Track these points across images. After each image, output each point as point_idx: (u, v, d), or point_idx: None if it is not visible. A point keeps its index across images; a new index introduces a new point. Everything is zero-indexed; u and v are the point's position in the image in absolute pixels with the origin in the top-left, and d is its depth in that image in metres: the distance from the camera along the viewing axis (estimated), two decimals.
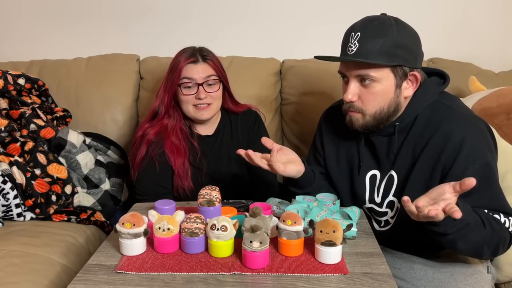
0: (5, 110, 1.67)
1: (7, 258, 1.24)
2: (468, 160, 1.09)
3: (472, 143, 1.09)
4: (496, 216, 1.08)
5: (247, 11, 2.03)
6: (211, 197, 1.08)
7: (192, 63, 1.44)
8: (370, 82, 1.10)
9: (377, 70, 1.09)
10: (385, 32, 1.07)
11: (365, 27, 1.10)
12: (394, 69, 1.10)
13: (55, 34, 2.11)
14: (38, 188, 1.46)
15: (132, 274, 0.92)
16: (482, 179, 1.07)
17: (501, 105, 1.42)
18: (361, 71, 1.10)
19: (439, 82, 1.20)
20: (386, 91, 1.11)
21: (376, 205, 1.26)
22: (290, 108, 1.91)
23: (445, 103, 1.16)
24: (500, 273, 1.33)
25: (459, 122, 1.11)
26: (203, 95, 1.42)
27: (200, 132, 1.54)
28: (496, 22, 1.98)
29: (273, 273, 0.91)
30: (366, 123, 1.15)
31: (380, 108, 1.12)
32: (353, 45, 1.09)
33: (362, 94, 1.12)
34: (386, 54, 1.07)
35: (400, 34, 1.08)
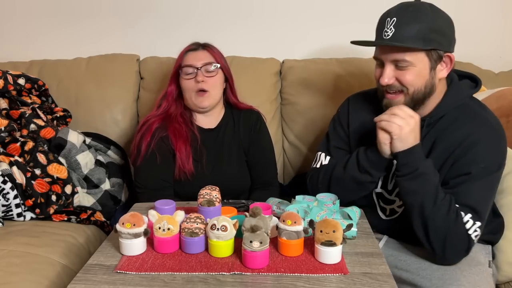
0: (5, 110, 1.67)
1: (7, 258, 1.24)
2: (477, 157, 1.13)
3: (487, 146, 1.13)
4: (462, 213, 1.11)
5: (247, 11, 2.03)
6: (211, 197, 1.08)
7: (192, 51, 1.52)
8: (405, 65, 1.14)
9: (412, 54, 1.13)
10: (420, 17, 1.12)
11: (401, 12, 1.14)
12: (429, 52, 1.13)
13: (55, 34, 2.11)
14: (38, 188, 1.46)
15: (132, 274, 0.92)
16: (477, 176, 1.12)
17: (500, 107, 1.42)
18: (397, 55, 1.14)
19: (472, 85, 1.24)
20: (421, 74, 1.15)
21: (387, 192, 1.28)
22: (290, 108, 1.91)
23: (475, 107, 1.20)
24: (500, 272, 1.33)
25: (482, 126, 1.16)
26: (201, 78, 1.45)
27: (202, 125, 1.54)
28: (496, 22, 1.98)
29: (273, 273, 0.91)
30: (406, 103, 1.18)
31: (418, 88, 1.16)
32: (389, 30, 1.14)
33: (399, 76, 1.16)
34: (421, 39, 1.11)
35: (435, 19, 1.13)
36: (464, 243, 1.11)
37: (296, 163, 1.92)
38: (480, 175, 1.12)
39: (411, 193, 1.13)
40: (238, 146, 1.56)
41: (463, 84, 1.23)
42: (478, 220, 1.11)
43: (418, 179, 1.12)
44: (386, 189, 1.29)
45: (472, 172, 1.12)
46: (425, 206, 1.11)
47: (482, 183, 1.13)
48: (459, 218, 1.10)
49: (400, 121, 1.11)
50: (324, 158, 1.36)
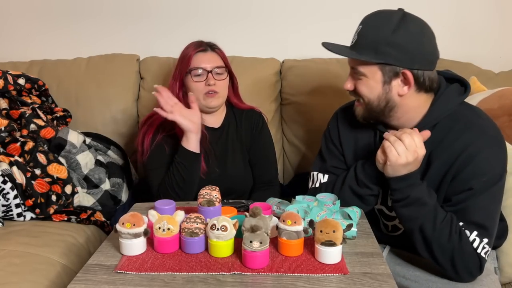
0: (5, 110, 1.67)
1: (7, 258, 1.24)
2: (477, 171, 1.08)
3: (487, 156, 1.09)
4: (467, 232, 1.07)
5: (247, 11, 2.03)
6: (211, 197, 1.08)
7: (201, 52, 1.49)
8: (359, 75, 1.14)
9: (365, 67, 1.12)
10: (381, 28, 1.09)
11: (367, 20, 1.14)
12: (382, 67, 1.11)
13: (55, 34, 2.11)
14: (38, 188, 1.46)
15: (132, 274, 0.92)
16: (480, 191, 1.08)
17: (502, 106, 1.42)
18: (352, 63, 1.16)
19: (460, 91, 1.18)
20: (373, 86, 1.13)
21: (387, 208, 1.26)
22: (290, 108, 1.91)
23: (466, 114, 1.15)
24: (502, 274, 1.33)
25: (479, 136, 1.11)
26: (212, 81, 1.45)
27: (206, 123, 1.54)
28: (496, 22, 1.98)
29: (273, 273, 0.91)
30: (364, 113, 1.19)
31: (370, 100, 1.15)
32: (355, 36, 1.15)
33: (355, 85, 1.17)
34: (374, 51, 1.09)
35: (397, 33, 1.08)
36: (475, 262, 1.07)
37: (296, 163, 1.92)
38: (482, 189, 1.08)
39: (407, 218, 1.11)
40: (241, 145, 1.57)
41: (451, 91, 1.17)
42: (486, 237, 1.07)
43: (412, 205, 1.09)
44: (386, 205, 1.26)
45: (475, 187, 1.07)
46: (425, 230, 1.08)
47: (486, 196, 1.08)
48: (463, 238, 1.06)
49: (401, 150, 1.06)
50: (323, 177, 1.32)
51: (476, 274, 1.10)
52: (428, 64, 1.12)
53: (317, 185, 1.31)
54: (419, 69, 1.11)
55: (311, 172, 1.35)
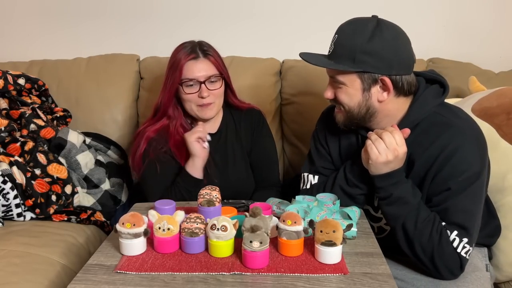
0: (5, 110, 1.67)
1: (7, 258, 1.24)
2: (456, 169, 1.09)
3: (464, 154, 1.09)
4: (448, 231, 1.08)
5: (247, 11, 2.03)
6: (211, 197, 1.08)
7: (193, 60, 1.40)
8: (338, 84, 1.15)
9: (344, 76, 1.14)
10: (356, 37, 1.10)
11: (342, 29, 1.15)
12: (361, 75, 1.12)
13: (55, 34, 2.11)
14: (38, 188, 1.46)
15: (132, 274, 0.92)
16: (458, 190, 1.09)
17: (501, 104, 1.42)
18: (331, 72, 1.17)
19: (438, 93, 1.19)
20: (352, 94, 1.14)
21: (373, 208, 1.27)
22: (290, 108, 1.91)
23: (446, 116, 1.15)
24: (500, 272, 1.33)
25: (456, 136, 1.11)
26: (206, 93, 1.39)
27: None
28: (496, 22, 1.98)
29: (273, 273, 0.91)
30: (345, 120, 1.20)
31: (350, 108, 1.16)
32: (332, 46, 1.16)
33: (335, 93, 1.18)
34: (352, 60, 1.10)
35: (373, 40, 1.09)
36: (455, 261, 1.09)
37: (296, 163, 1.92)
38: (460, 188, 1.09)
39: (391, 217, 1.13)
40: (241, 147, 1.53)
41: (428, 94, 1.17)
42: (466, 237, 1.08)
43: (395, 203, 1.11)
44: (372, 206, 1.27)
45: (452, 188, 1.09)
46: (407, 228, 1.09)
47: (464, 196, 1.09)
48: (443, 237, 1.07)
49: (382, 148, 1.08)
50: (313, 178, 1.32)
51: (457, 273, 1.12)
52: (405, 69, 1.13)
53: (307, 187, 1.32)
54: (397, 75, 1.12)
55: (302, 173, 1.36)
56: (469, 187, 1.10)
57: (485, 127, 1.36)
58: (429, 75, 1.22)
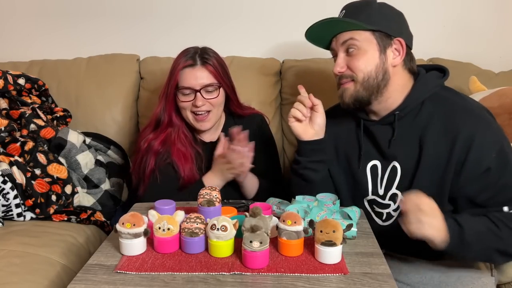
0: (5, 110, 1.67)
1: (7, 258, 1.24)
2: (481, 153, 1.08)
3: (482, 136, 1.09)
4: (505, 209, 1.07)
5: (247, 11, 2.03)
6: (211, 197, 1.08)
7: (189, 67, 1.37)
8: (354, 49, 1.16)
9: (360, 35, 1.14)
10: (368, 7, 1.16)
11: (348, 6, 1.19)
12: (376, 34, 1.14)
13: (55, 34, 2.11)
14: (38, 188, 1.46)
15: (132, 274, 0.92)
16: (498, 167, 1.08)
17: (502, 105, 1.42)
18: (347, 34, 1.16)
19: (439, 75, 1.22)
20: (370, 56, 1.15)
21: (379, 197, 1.26)
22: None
23: (449, 97, 1.17)
24: (503, 274, 1.33)
25: (465, 116, 1.11)
26: (200, 102, 1.36)
27: (204, 138, 1.50)
28: (496, 22, 1.98)
29: (273, 273, 0.91)
30: (357, 93, 1.17)
31: (368, 73, 1.15)
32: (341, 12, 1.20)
33: (350, 63, 1.17)
34: (368, 20, 1.14)
35: (383, 8, 1.17)
36: None
37: None
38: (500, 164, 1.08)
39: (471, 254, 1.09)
40: None
41: (430, 75, 1.20)
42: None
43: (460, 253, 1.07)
44: (377, 195, 1.25)
45: (491, 167, 1.07)
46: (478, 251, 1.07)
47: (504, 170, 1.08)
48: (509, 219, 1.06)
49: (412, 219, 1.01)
50: None
51: None
52: (410, 41, 1.19)
53: None
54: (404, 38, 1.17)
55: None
56: (508, 159, 1.09)
57: None
58: (426, 66, 1.26)
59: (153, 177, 1.40)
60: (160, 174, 1.40)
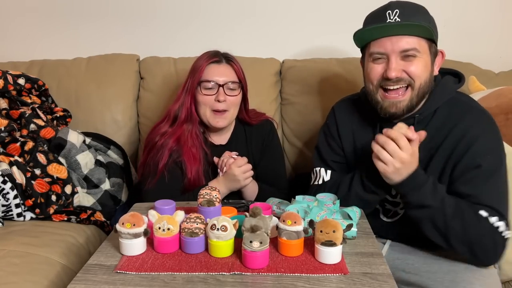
0: (5, 110, 1.67)
1: (7, 258, 1.24)
2: (479, 152, 1.10)
3: (487, 139, 1.11)
4: (482, 212, 1.07)
5: (247, 11, 2.03)
6: (211, 197, 1.08)
7: (215, 63, 1.41)
8: (413, 57, 1.11)
9: (421, 42, 1.11)
10: (421, 11, 1.13)
11: (402, 5, 1.12)
12: (431, 44, 1.14)
13: (55, 34, 2.11)
14: (38, 188, 1.46)
15: (132, 274, 0.92)
16: (487, 170, 1.09)
17: (500, 105, 1.42)
18: (407, 41, 1.10)
19: (455, 80, 1.23)
20: (427, 65, 1.14)
21: (390, 195, 1.26)
22: (290, 108, 1.91)
23: (465, 101, 1.19)
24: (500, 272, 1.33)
25: (478, 119, 1.14)
26: (222, 97, 1.38)
27: (213, 141, 1.51)
28: (496, 22, 1.98)
29: (273, 273, 0.91)
30: (411, 102, 1.14)
31: (424, 81, 1.13)
32: (394, 20, 1.09)
33: (406, 68, 1.12)
34: (427, 28, 1.09)
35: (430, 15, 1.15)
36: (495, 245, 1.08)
37: (296, 163, 1.92)
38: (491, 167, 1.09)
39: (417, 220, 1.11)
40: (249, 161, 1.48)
41: (447, 80, 1.22)
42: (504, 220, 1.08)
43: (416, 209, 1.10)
44: (390, 194, 1.26)
45: (483, 165, 1.08)
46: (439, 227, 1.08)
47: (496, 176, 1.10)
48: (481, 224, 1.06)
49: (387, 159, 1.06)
50: (325, 173, 1.31)
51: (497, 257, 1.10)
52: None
53: (320, 182, 1.31)
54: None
55: (314, 168, 1.35)
56: (500, 166, 1.11)
57: None
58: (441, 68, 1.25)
59: (162, 174, 1.40)
60: (168, 173, 1.40)
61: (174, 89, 1.83)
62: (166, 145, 1.41)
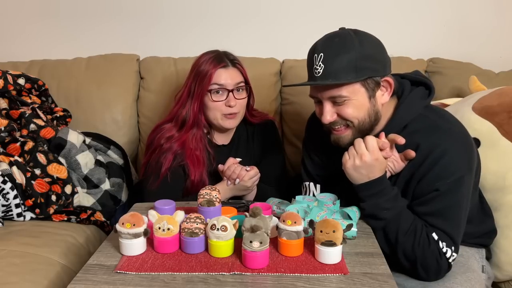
0: (5, 110, 1.67)
1: (7, 258, 1.24)
2: (443, 172, 1.08)
3: (452, 157, 1.08)
4: (434, 235, 1.08)
5: (247, 11, 2.03)
6: (211, 197, 1.08)
7: (223, 68, 1.40)
8: (342, 100, 1.10)
9: (348, 87, 1.08)
10: (348, 47, 1.07)
11: (326, 46, 1.10)
12: (364, 82, 1.09)
13: (55, 34, 2.11)
14: (38, 188, 1.46)
15: (132, 274, 0.92)
16: (446, 193, 1.08)
17: (502, 103, 1.42)
18: (333, 91, 1.10)
19: (424, 94, 1.18)
20: (360, 105, 1.11)
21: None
22: (290, 108, 1.91)
23: (432, 119, 1.14)
24: (501, 272, 1.33)
25: (444, 138, 1.10)
26: (233, 102, 1.39)
27: (217, 141, 1.51)
28: (496, 22, 1.98)
29: (273, 273, 0.91)
30: (354, 137, 1.14)
31: (362, 119, 1.12)
32: (319, 66, 1.10)
33: (339, 112, 1.12)
34: (353, 69, 1.07)
35: (364, 46, 1.08)
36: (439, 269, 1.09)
37: (296, 163, 1.91)
38: (448, 191, 1.08)
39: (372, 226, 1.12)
40: (250, 160, 1.52)
41: (414, 95, 1.16)
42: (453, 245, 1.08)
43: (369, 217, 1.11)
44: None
45: (440, 189, 1.08)
46: (389, 238, 1.09)
47: (452, 200, 1.09)
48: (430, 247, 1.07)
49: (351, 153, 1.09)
50: (314, 187, 1.32)
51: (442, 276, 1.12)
52: (390, 66, 1.14)
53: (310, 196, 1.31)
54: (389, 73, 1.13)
55: (303, 182, 1.35)
56: (458, 191, 1.09)
57: (485, 125, 1.36)
58: (413, 77, 1.21)
59: (165, 176, 1.41)
60: (170, 175, 1.41)
61: (174, 89, 1.82)
62: (171, 149, 1.42)
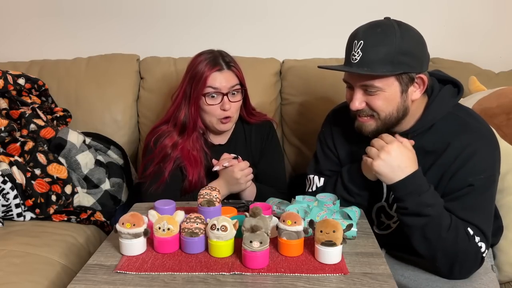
0: (5, 110, 1.67)
1: (7, 258, 1.24)
2: (474, 169, 1.09)
3: (483, 156, 1.10)
4: (469, 230, 1.08)
5: (247, 11, 2.03)
6: (211, 197, 1.08)
7: (217, 71, 1.39)
8: (374, 91, 1.10)
9: (382, 80, 1.08)
10: (388, 39, 1.06)
11: (368, 34, 1.08)
12: (399, 76, 1.08)
13: (55, 34, 2.11)
14: (38, 188, 1.46)
15: (132, 274, 0.92)
16: (480, 188, 1.09)
17: (501, 105, 1.42)
18: (366, 81, 1.09)
19: (453, 92, 1.18)
20: (391, 98, 1.10)
21: (388, 206, 1.25)
22: (290, 108, 1.91)
23: (462, 117, 1.15)
24: (500, 273, 1.33)
25: (473, 137, 1.11)
26: (228, 106, 1.39)
27: (213, 141, 1.51)
28: (496, 22, 1.98)
29: (273, 273, 0.91)
30: (377, 129, 1.14)
31: (389, 113, 1.12)
32: (356, 53, 1.08)
33: (368, 101, 1.12)
34: (390, 63, 1.06)
35: (404, 40, 1.06)
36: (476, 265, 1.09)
37: (296, 163, 1.92)
38: (482, 187, 1.09)
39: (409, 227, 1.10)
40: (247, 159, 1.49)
41: (444, 93, 1.16)
42: (485, 241, 1.09)
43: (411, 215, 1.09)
44: (388, 202, 1.24)
45: (475, 184, 1.08)
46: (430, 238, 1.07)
47: (486, 196, 1.10)
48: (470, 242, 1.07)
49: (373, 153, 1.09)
50: (318, 180, 1.32)
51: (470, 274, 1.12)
52: (427, 64, 1.13)
53: (313, 189, 1.32)
54: (426, 71, 1.12)
55: (308, 175, 1.35)
56: (490, 187, 1.11)
57: None
58: (440, 75, 1.21)
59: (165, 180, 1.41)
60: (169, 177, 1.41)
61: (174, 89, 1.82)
62: (173, 154, 1.42)
